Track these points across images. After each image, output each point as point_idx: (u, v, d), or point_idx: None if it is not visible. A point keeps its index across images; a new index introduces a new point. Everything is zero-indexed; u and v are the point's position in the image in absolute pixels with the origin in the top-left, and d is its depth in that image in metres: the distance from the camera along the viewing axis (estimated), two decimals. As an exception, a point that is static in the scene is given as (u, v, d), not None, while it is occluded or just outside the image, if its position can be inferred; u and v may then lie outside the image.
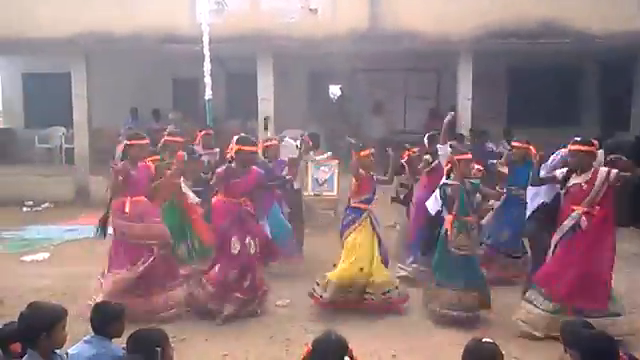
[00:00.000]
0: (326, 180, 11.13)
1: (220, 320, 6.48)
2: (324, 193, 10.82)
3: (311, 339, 3.48)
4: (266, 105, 13.87)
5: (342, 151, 11.73)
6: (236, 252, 6.48)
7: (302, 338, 5.95)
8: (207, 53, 10.60)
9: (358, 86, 16.58)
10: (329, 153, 11.23)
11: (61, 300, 6.41)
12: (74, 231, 10.84)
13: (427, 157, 7.96)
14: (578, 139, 6.15)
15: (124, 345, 3.80)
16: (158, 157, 7.35)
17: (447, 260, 6.47)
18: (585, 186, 5.95)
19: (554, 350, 5.37)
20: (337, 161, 11.29)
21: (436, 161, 7.86)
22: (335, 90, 17.42)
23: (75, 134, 14.45)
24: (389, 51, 13.93)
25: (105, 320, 4.05)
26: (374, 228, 6.85)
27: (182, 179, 7.62)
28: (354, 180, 6.85)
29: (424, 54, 14.21)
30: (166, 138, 8.06)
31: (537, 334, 6.01)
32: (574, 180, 6.04)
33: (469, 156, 6.68)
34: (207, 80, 10.69)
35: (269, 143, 8.49)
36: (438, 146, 7.96)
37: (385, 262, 6.97)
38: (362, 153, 6.82)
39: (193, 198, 7.80)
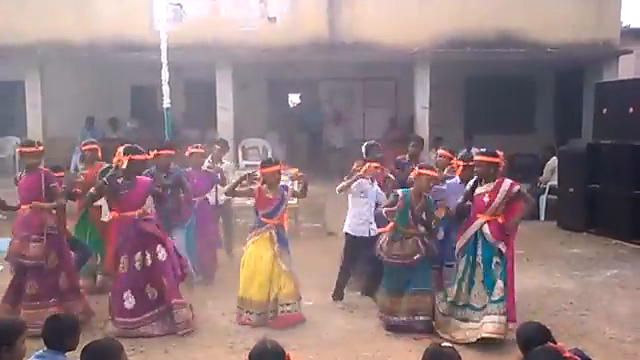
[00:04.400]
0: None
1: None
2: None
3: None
4: (225, 114, 13.79)
5: (301, 159, 11.75)
6: (124, 270, 6.31)
7: (262, 347, 5.92)
8: (165, 61, 10.49)
9: (317, 95, 16.64)
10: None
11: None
12: (28, 243, 10.51)
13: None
14: (483, 150, 6.37)
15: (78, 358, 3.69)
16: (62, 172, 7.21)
17: (387, 268, 6.49)
18: (487, 196, 6.16)
19: (510, 353, 5.47)
20: (297, 169, 11.23)
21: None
22: (295, 99, 17.48)
23: (29, 144, 14.09)
24: (348, 60, 14.04)
25: (58, 333, 3.87)
26: (274, 245, 6.59)
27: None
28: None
29: (382, 63, 14.36)
30: (84, 147, 7.77)
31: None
32: (479, 190, 6.25)
33: (433, 174, 6.55)
34: (165, 88, 10.56)
35: (193, 150, 8.17)
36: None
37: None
38: (265, 170, 6.64)
39: (105, 214, 7.50)
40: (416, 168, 6.63)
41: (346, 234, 7.29)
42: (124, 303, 6.30)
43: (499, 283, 6.06)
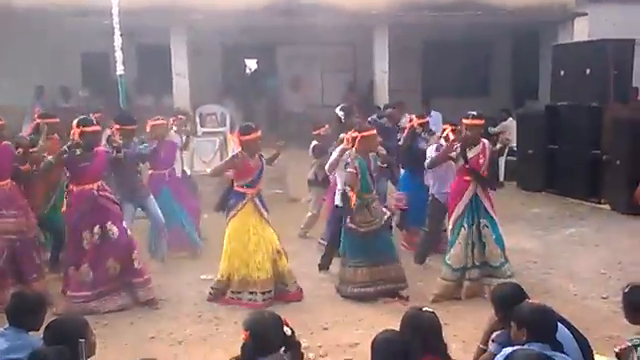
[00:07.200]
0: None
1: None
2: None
3: (240, 317, 3.38)
4: (181, 81, 13.46)
5: (259, 125, 11.53)
6: (87, 247, 6.09)
7: (231, 316, 5.84)
8: (117, 26, 10.09)
9: (275, 60, 16.37)
10: None
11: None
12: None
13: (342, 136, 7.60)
14: (474, 114, 6.40)
15: (42, 336, 3.53)
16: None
17: (353, 240, 6.34)
18: (482, 158, 6.33)
19: (481, 313, 5.52)
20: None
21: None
22: (251, 64, 17.17)
23: (-26, 114, 13.52)
24: (305, 24, 13.78)
25: (23, 311, 3.71)
26: (261, 214, 6.32)
27: None
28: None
29: (341, 27, 14.15)
30: (38, 120, 7.18)
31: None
32: (471, 153, 6.32)
33: (372, 132, 6.46)
34: (118, 55, 10.18)
35: (155, 122, 7.85)
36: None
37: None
38: (245, 137, 6.26)
39: None
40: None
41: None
42: (81, 276, 6.08)
43: (497, 250, 6.30)
